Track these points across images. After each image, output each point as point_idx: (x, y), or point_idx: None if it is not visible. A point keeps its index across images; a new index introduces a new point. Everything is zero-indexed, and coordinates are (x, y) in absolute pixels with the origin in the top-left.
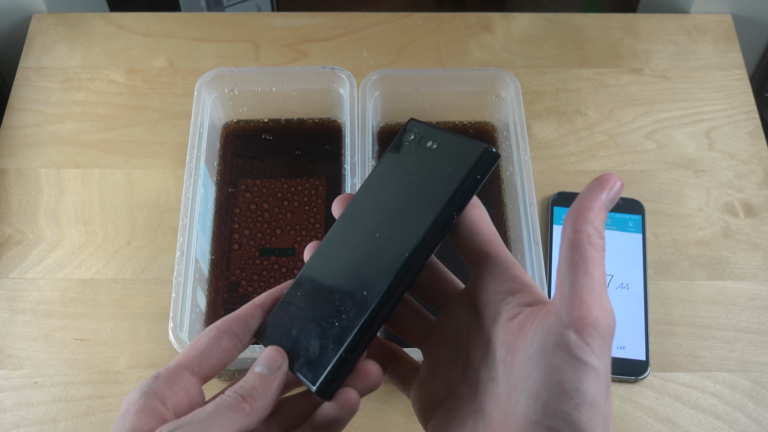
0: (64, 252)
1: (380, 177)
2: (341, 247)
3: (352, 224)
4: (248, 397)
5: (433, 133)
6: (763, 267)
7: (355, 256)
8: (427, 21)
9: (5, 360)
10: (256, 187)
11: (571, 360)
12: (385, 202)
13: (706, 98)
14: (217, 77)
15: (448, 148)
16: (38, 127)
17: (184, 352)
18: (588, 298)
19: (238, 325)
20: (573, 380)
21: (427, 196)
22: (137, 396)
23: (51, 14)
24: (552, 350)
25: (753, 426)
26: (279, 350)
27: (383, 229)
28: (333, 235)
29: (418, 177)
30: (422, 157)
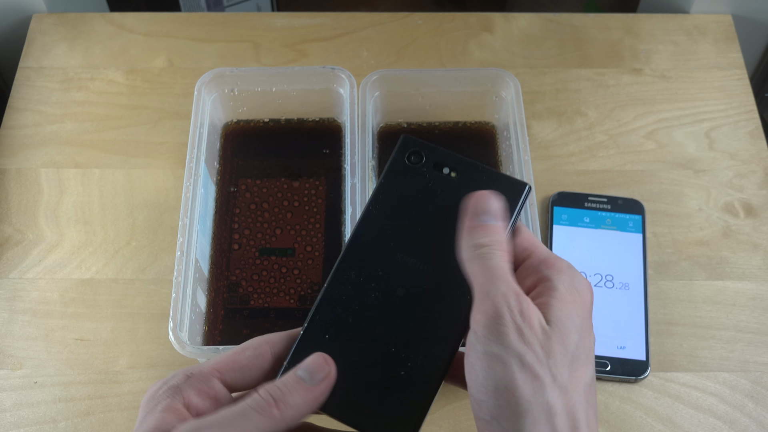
0: (64, 252)
1: (394, 204)
2: (377, 282)
3: (378, 254)
4: (280, 402)
5: (449, 159)
6: (763, 267)
7: (399, 296)
8: (427, 21)
9: (5, 360)
10: (256, 187)
11: (481, 357)
12: (422, 236)
13: (706, 98)
14: (217, 77)
15: (475, 179)
16: (38, 127)
17: (222, 358)
18: (480, 297)
19: (286, 344)
20: (487, 372)
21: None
22: (165, 392)
23: (51, 14)
24: (472, 359)
25: (753, 426)
26: (327, 358)
27: (434, 270)
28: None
29: (450, 210)
30: (442, 185)
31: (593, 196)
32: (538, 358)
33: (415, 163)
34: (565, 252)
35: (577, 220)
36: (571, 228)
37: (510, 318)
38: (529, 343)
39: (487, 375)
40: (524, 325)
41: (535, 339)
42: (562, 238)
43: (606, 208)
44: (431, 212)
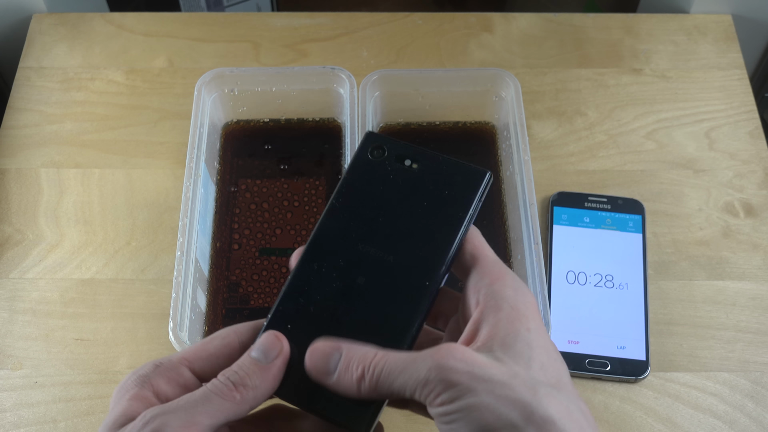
0: (64, 252)
1: (357, 197)
2: (338, 272)
3: (340, 246)
4: (240, 385)
5: (409, 151)
6: (763, 267)
7: (360, 285)
8: (427, 21)
9: (5, 360)
10: (256, 187)
11: (466, 419)
12: (383, 226)
13: (706, 98)
14: (217, 77)
15: (435, 169)
16: (38, 127)
17: (191, 348)
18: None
19: (253, 334)
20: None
21: (437, 220)
22: (133, 382)
23: (51, 14)
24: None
25: (753, 426)
26: (279, 335)
27: (394, 257)
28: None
29: (410, 199)
30: (403, 176)
31: (593, 196)
32: (502, 381)
33: (377, 157)
34: (565, 252)
35: (577, 220)
36: (571, 228)
37: (456, 373)
38: (489, 378)
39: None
40: (471, 365)
41: (493, 371)
42: (562, 238)
43: (606, 208)
44: (393, 203)
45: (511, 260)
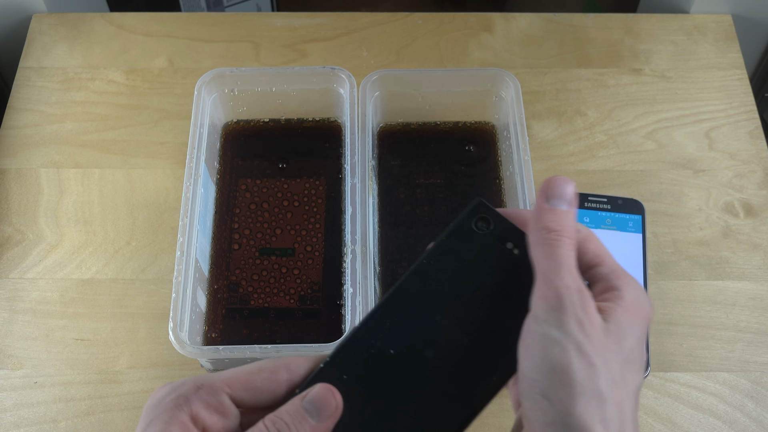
0: (64, 252)
1: (449, 264)
2: (410, 337)
3: (419, 309)
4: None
5: (514, 234)
6: (763, 267)
7: (427, 358)
8: (427, 21)
9: (5, 360)
10: (256, 187)
11: (539, 339)
12: (467, 304)
13: (706, 98)
14: (217, 77)
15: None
16: (38, 127)
17: (235, 374)
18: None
19: (304, 373)
20: (543, 354)
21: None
22: (172, 402)
23: (51, 14)
24: (529, 341)
25: (753, 426)
26: (335, 392)
27: (469, 341)
28: (393, 316)
29: (501, 286)
30: (501, 258)
31: (593, 196)
32: (595, 349)
33: (481, 230)
34: None
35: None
36: None
37: (572, 310)
38: (587, 335)
39: (543, 356)
40: (585, 319)
41: (594, 333)
42: None
43: (606, 208)
44: (483, 283)
45: None
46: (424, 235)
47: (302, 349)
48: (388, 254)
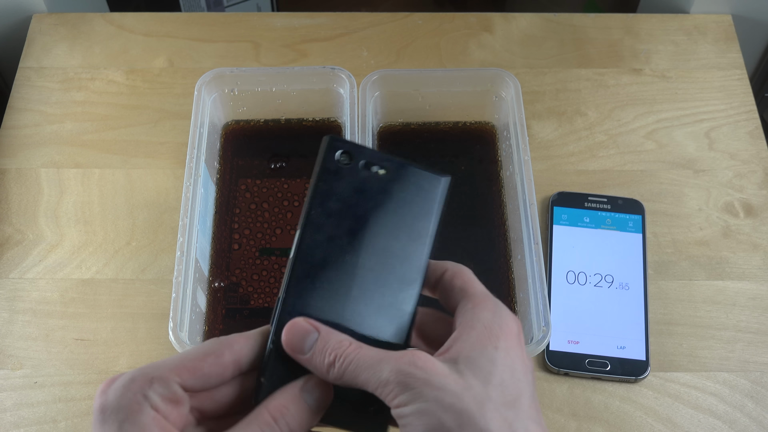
0: (64, 252)
1: (332, 207)
2: (331, 285)
3: (327, 260)
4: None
5: (375, 157)
6: (763, 267)
7: (353, 295)
8: (427, 21)
9: (5, 360)
10: (256, 187)
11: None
12: (362, 236)
13: (706, 98)
14: (217, 77)
15: (401, 176)
16: (38, 127)
17: (182, 361)
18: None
19: (249, 351)
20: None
21: (409, 229)
22: (133, 401)
23: (51, 14)
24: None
25: (753, 426)
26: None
27: (380, 267)
28: (311, 275)
29: (382, 208)
30: (373, 184)
31: (593, 196)
32: (456, 395)
33: (344, 163)
34: (565, 252)
35: (577, 220)
36: (571, 228)
37: (413, 380)
38: (443, 387)
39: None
40: (430, 374)
41: (447, 379)
42: (562, 238)
43: (606, 208)
44: (367, 212)
45: (511, 260)
46: None
47: None
48: None
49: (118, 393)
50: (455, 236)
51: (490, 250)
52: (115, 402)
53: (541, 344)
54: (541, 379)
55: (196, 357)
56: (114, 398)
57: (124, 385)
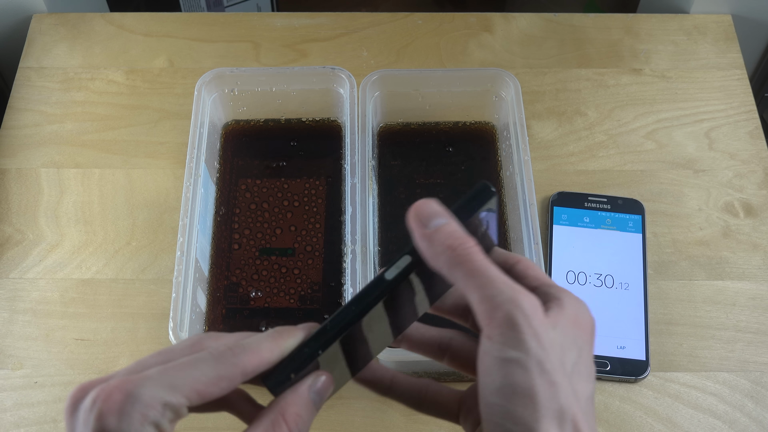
0: (64, 252)
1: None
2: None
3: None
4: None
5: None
6: (763, 267)
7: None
8: (427, 21)
9: (5, 360)
10: (256, 187)
11: (499, 363)
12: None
13: (706, 98)
14: (217, 77)
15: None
16: (38, 127)
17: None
18: (488, 304)
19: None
20: (505, 377)
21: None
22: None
23: (51, 14)
24: (488, 364)
25: (753, 426)
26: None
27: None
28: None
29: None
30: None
31: (593, 196)
32: (553, 366)
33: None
34: (565, 252)
35: (577, 220)
36: (571, 228)
37: (526, 326)
38: (546, 351)
39: (504, 380)
40: (541, 332)
41: (550, 346)
42: (562, 238)
43: (606, 208)
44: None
45: None
46: None
47: None
48: (388, 254)
49: (125, 418)
50: None
51: None
52: (117, 429)
53: None
54: None
55: (209, 382)
56: (116, 424)
57: (130, 407)
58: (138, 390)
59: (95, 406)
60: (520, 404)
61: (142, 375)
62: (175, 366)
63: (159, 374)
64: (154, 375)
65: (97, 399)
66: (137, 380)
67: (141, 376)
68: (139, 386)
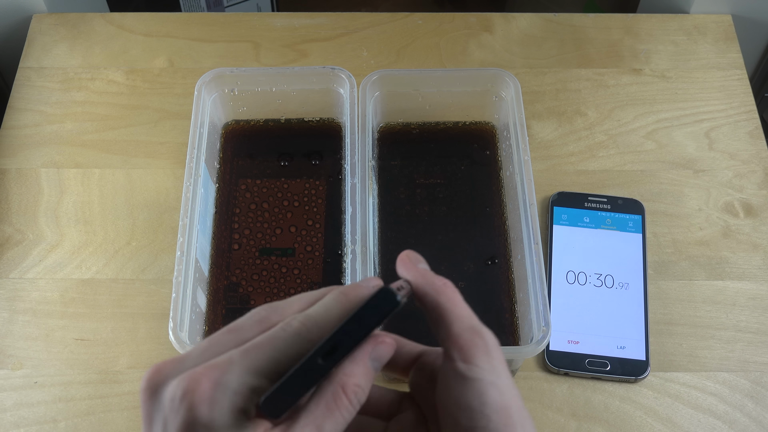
0: (64, 252)
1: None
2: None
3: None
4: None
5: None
6: (763, 267)
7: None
8: (427, 21)
9: (5, 360)
10: (256, 187)
11: (468, 384)
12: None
13: (706, 98)
14: (217, 77)
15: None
16: (38, 127)
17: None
18: (458, 329)
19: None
20: (475, 397)
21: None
22: (241, 419)
23: (51, 14)
24: (452, 385)
25: (753, 426)
26: (392, 340)
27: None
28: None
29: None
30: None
31: (593, 196)
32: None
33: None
34: (565, 252)
35: (577, 220)
36: (571, 228)
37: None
38: (508, 375)
39: (483, 401)
40: (503, 359)
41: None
42: (562, 238)
43: (606, 208)
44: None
45: (511, 260)
46: (424, 235)
47: None
48: (388, 254)
49: (217, 408)
50: (455, 236)
51: (490, 250)
52: (208, 420)
53: (541, 344)
54: (541, 379)
55: (289, 361)
56: (208, 414)
57: (221, 396)
58: (226, 377)
59: (186, 397)
60: (500, 424)
61: (227, 360)
62: (254, 347)
63: (241, 358)
64: (237, 359)
65: (187, 389)
66: (224, 367)
67: (226, 362)
68: (227, 372)
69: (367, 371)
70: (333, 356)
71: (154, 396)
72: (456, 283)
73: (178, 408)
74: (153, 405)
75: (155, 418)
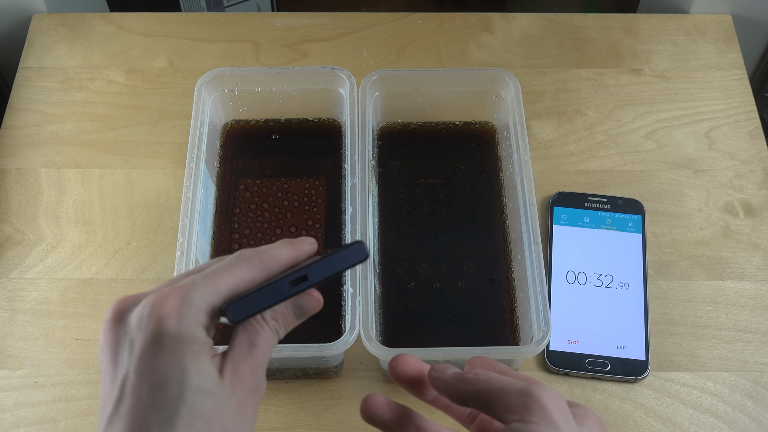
0: (64, 252)
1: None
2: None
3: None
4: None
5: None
6: (763, 267)
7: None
8: (427, 21)
9: (5, 360)
10: (256, 187)
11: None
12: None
13: (706, 98)
14: (217, 77)
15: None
16: (38, 127)
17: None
18: (507, 401)
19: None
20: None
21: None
22: (200, 334)
23: (51, 14)
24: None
25: (753, 426)
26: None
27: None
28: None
29: None
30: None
31: (593, 196)
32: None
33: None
34: (565, 252)
35: (577, 220)
36: (571, 228)
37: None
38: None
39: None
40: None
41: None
42: (562, 238)
43: (606, 208)
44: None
45: (511, 260)
46: (424, 235)
47: (302, 349)
48: (388, 254)
49: (183, 320)
50: (455, 236)
51: (490, 250)
52: (176, 331)
53: (541, 344)
54: (541, 379)
55: (245, 285)
56: (176, 326)
57: (187, 310)
58: (191, 295)
59: (154, 312)
60: None
61: (191, 282)
62: (214, 271)
63: (203, 280)
64: (200, 282)
65: (155, 305)
66: (188, 286)
67: (190, 283)
68: (191, 291)
69: (288, 313)
70: (301, 284)
71: (120, 322)
72: (456, 283)
73: (146, 324)
74: (119, 331)
75: (121, 342)
